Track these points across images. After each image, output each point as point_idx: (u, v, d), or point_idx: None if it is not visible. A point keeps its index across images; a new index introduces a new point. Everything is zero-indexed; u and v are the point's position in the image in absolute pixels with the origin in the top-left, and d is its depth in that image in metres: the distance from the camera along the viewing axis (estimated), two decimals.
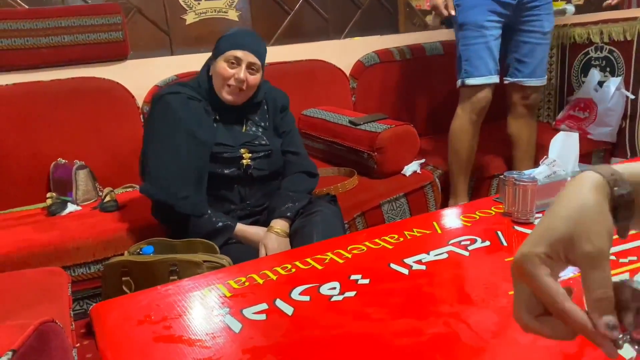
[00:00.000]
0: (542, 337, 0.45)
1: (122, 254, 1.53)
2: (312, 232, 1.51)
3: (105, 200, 1.83)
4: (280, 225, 1.64)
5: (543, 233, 0.43)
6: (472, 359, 0.70)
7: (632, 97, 2.41)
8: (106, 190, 1.89)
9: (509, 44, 2.10)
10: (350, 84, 2.60)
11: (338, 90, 2.56)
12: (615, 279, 0.42)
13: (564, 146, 1.24)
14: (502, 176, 1.15)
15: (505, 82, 2.15)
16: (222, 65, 1.56)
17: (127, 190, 2.03)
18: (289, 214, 1.66)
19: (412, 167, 2.21)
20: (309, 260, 1.02)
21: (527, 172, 1.16)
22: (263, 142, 1.65)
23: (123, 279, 1.45)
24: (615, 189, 0.44)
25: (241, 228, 1.63)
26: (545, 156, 1.24)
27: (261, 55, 1.60)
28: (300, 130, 2.35)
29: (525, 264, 0.43)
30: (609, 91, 2.43)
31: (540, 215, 1.14)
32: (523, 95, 2.12)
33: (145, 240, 1.55)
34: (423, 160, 2.25)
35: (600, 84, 2.54)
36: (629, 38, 2.44)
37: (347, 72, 2.61)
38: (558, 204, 0.44)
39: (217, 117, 1.63)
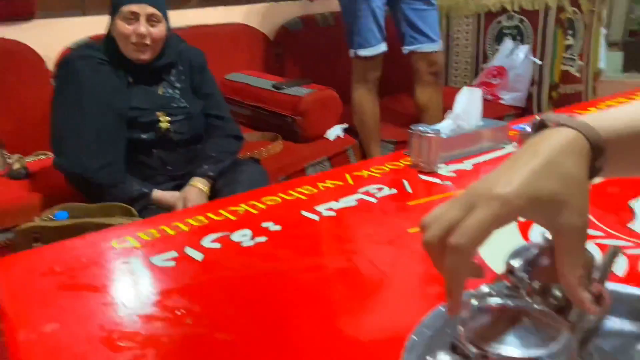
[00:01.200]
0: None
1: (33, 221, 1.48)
2: (236, 190, 1.52)
3: (14, 168, 1.74)
4: (200, 183, 1.63)
5: (530, 186, 0.40)
6: (368, 286, 0.75)
7: (540, 62, 2.56)
8: (14, 157, 1.80)
9: (397, 14, 2.18)
10: (275, 49, 2.60)
11: (262, 55, 2.55)
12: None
13: (468, 101, 1.30)
14: (409, 129, 1.20)
15: (405, 51, 2.22)
16: (120, 24, 1.50)
17: (40, 157, 1.94)
18: (210, 173, 1.66)
19: (335, 131, 2.26)
20: (222, 211, 1.03)
21: (432, 126, 1.22)
22: (182, 105, 1.62)
23: (34, 245, 1.40)
24: (596, 162, 0.43)
25: (159, 194, 1.61)
26: (449, 110, 1.30)
27: (159, 4, 1.53)
28: (224, 95, 2.33)
29: (501, 207, 0.39)
30: (518, 58, 2.57)
31: (444, 165, 1.20)
32: (427, 63, 2.20)
33: (59, 205, 1.50)
34: (346, 125, 2.29)
35: (512, 51, 2.67)
36: (536, 7, 2.57)
37: (272, 37, 2.59)
38: (540, 155, 0.41)
39: (131, 80, 1.59)
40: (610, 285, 0.61)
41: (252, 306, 0.71)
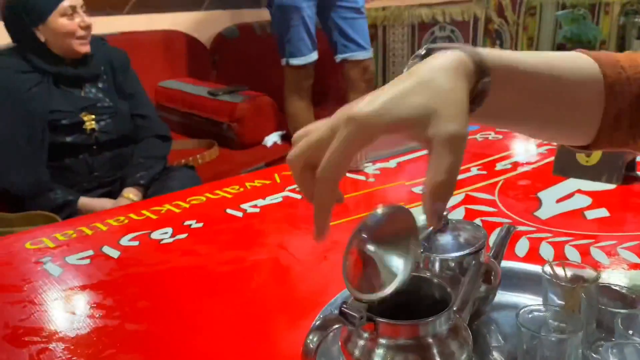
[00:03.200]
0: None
1: None
2: None
3: None
4: (133, 193, 1.60)
5: (393, 103, 0.37)
6: (286, 275, 0.76)
7: None
8: None
9: (328, 23, 2.23)
10: (211, 56, 2.58)
11: (198, 62, 2.53)
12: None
13: None
14: None
15: (338, 60, 2.27)
16: (61, 21, 1.47)
17: None
18: (142, 182, 1.63)
19: (272, 138, 2.27)
20: (144, 212, 1.01)
21: None
22: (106, 104, 1.59)
23: None
24: (479, 83, 0.40)
25: (86, 202, 1.57)
26: None
27: None
28: (158, 102, 2.30)
29: (358, 128, 0.37)
30: None
31: (370, 164, 1.23)
32: (360, 70, 2.25)
33: None
34: (283, 132, 2.31)
35: None
36: (466, 18, 2.69)
37: (208, 45, 2.58)
38: (414, 75, 0.38)
39: (52, 84, 1.54)
40: (509, 263, 0.65)
41: (167, 299, 0.70)
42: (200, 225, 0.93)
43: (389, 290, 0.41)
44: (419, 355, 0.43)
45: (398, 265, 0.42)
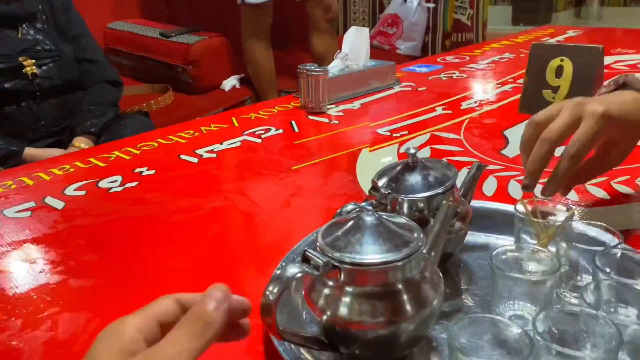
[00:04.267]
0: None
1: None
2: None
3: None
4: (84, 142, 1.51)
5: (622, 113, 0.55)
6: (246, 223, 0.71)
7: (433, 5, 2.59)
8: None
9: None
10: None
11: (149, 2, 2.37)
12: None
13: (356, 41, 1.28)
14: (297, 69, 1.16)
15: None
16: None
17: None
18: (93, 130, 1.53)
19: (230, 82, 2.17)
20: (91, 159, 0.94)
21: (322, 66, 1.19)
22: (47, 47, 1.46)
23: None
24: None
25: (32, 152, 1.46)
26: (338, 50, 1.28)
27: None
28: (107, 45, 2.15)
29: (600, 119, 0.52)
30: (412, 6, 2.59)
31: (333, 106, 1.18)
32: (322, 9, 2.14)
33: None
34: (242, 75, 2.21)
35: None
36: None
37: None
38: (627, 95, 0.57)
39: None
40: (478, 203, 0.62)
41: (117, 251, 0.65)
42: (152, 172, 0.87)
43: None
44: (388, 301, 0.40)
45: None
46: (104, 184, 0.83)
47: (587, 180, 0.64)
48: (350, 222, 0.42)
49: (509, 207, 0.57)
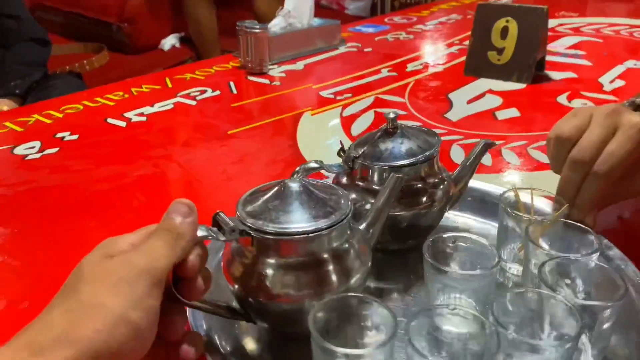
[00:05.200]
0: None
1: None
2: None
3: None
4: (7, 105, 1.39)
5: None
6: (175, 191, 0.67)
7: None
8: None
9: None
10: None
11: None
12: None
13: None
14: (236, 26, 1.10)
15: None
16: None
17: None
18: (17, 92, 1.42)
19: (170, 41, 2.06)
20: (6, 123, 0.86)
21: (262, 24, 1.12)
22: None
23: None
24: None
25: None
26: (280, 7, 1.21)
27: None
28: (33, 1, 1.99)
29: (638, 133, 0.43)
30: None
31: (275, 66, 1.13)
32: None
33: None
34: (182, 34, 2.10)
35: None
36: None
37: None
38: None
39: None
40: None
41: (32, 224, 0.59)
42: (74, 137, 0.80)
43: None
44: (301, 274, 0.36)
45: None
46: (20, 150, 0.76)
47: (611, 203, 0.49)
48: (274, 189, 0.38)
49: (498, 190, 0.53)
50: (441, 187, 0.48)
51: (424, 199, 0.47)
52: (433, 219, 0.48)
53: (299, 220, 0.36)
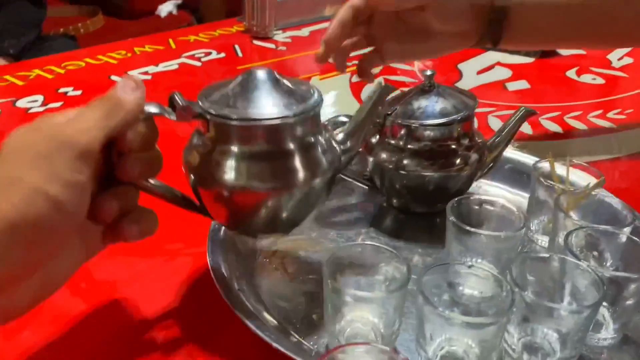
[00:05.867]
0: None
1: None
2: None
3: None
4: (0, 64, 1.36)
5: None
6: (180, 146, 0.65)
7: None
8: None
9: None
10: None
11: None
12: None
13: None
14: None
15: None
16: None
17: None
18: (11, 51, 1.38)
19: (167, 7, 2.02)
20: (7, 77, 0.83)
21: None
22: None
23: None
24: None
25: None
26: None
27: None
28: None
29: None
30: None
31: (280, 32, 1.10)
32: None
33: None
34: (180, 1, 2.05)
35: None
36: None
37: None
38: None
39: None
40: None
41: None
42: (78, 92, 0.78)
43: None
44: (261, 163, 0.34)
45: None
46: (22, 103, 0.74)
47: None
48: (240, 78, 0.36)
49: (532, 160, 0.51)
50: (475, 150, 0.47)
51: (457, 161, 0.46)
52: (462, 183, 0.47)
53: (259, 107, 0.34)
